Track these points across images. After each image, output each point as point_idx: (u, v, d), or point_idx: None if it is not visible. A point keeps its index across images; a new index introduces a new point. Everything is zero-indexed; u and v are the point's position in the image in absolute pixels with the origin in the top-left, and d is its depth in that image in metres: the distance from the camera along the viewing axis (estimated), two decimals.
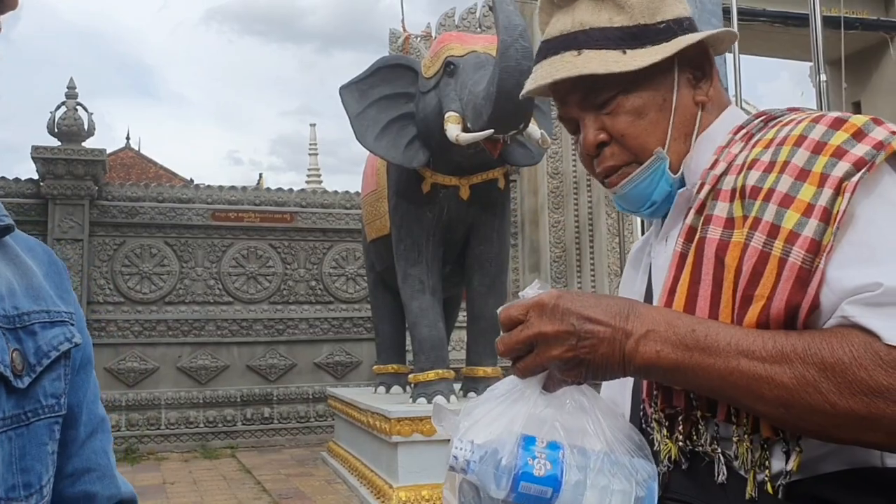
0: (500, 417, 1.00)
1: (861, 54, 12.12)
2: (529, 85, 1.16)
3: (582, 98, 1.13)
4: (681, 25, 1.13)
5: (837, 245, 0.90)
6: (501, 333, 1.01)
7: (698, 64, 1.14)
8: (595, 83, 1.10)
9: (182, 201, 10.28)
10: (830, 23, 9.20)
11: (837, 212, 0.90)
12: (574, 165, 11.33)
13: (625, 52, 1.09)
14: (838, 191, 0.90)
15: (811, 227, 0.90)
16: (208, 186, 10.68)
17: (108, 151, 11.03)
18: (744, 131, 1.09)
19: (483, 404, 1.03)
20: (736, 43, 1.18)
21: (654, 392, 1.06)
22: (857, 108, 12.19)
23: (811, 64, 7.68)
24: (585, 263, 11.28)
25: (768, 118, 1.08)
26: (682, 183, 1.14)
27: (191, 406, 9.84)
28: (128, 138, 27.22)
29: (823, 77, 6.69)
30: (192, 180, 23.27)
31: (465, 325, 6.94)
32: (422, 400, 6.03)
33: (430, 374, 6.11)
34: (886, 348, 0.83)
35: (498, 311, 1.02)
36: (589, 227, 11.33)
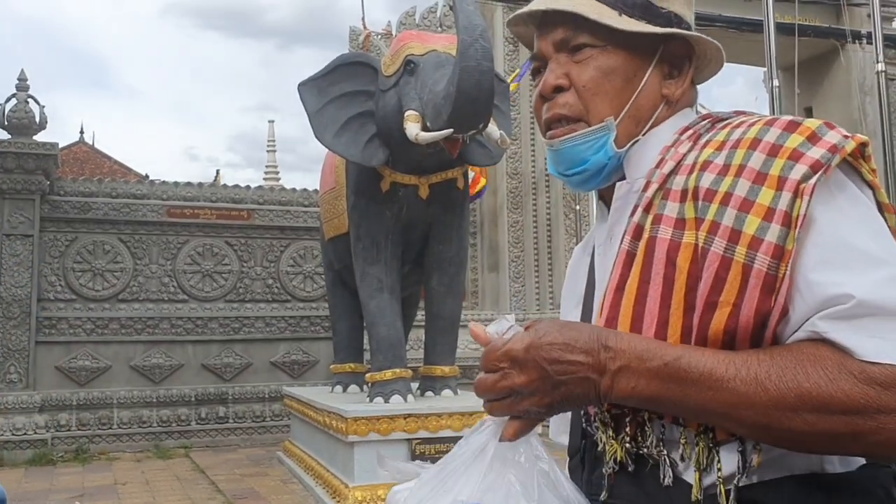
0: (446, 483, 1.00)
1: (813, 61, 12.40)
2: (524, 10, 1.18)
3: (561, 38, 1.15)
4: (680, 21, 1.15)
5: (801, 249, 0.90)
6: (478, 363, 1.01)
7: (678, 62, 1.16)
8: (581, 27, 1.12)
9: (137, 197, 10.11)
10: (784, 29, 9.40)
11: (798, 215, 0.90)
12: (533, 166, 11.40)
13: (620, 15, 1.12)
14: (797, 194, 0.91)
15: (773, 233, 0.90)
16: (164, 182, 10.51)
17: (62, 146, 10.81)
18: (690, 131, 1.09)
19: (434, 476, 1.03)
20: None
21: None
22: (808, 113, 12.44)
23: (765, 69, 7.84)
24: (543, 263, 11.36)
25: (715, 119, 1.09)
26: (621, 170, 1.14)
27: (144, 405, 9.68)
28: (82, 132, 26.67)
29: (776, 82, 6.84)
30: (147, 176, 22.97)
31: (423, 324, 6.94)
32: (379, 399, 6.01)
33: (388, 373, 6.09)
34: (860, 365, 0.83)
35: (483, 351, 1.01)
36: (547, 228, 11.42)
